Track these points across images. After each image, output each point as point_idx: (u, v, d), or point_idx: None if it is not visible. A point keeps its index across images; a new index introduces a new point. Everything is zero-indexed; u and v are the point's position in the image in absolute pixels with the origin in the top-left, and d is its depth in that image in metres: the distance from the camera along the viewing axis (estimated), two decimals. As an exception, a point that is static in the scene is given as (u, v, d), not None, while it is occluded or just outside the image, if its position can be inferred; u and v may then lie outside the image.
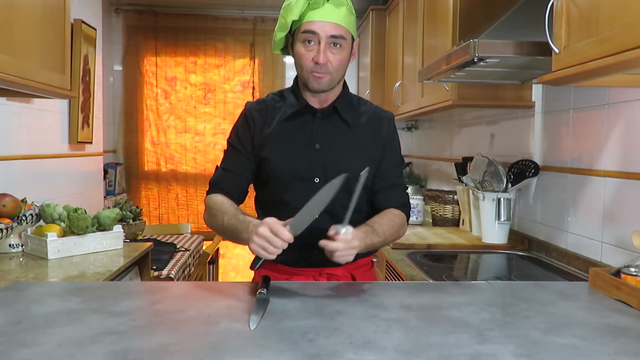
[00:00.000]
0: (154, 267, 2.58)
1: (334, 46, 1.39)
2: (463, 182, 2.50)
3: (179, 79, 4.47)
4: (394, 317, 1.11)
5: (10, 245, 2.03)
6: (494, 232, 2.29)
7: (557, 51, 1.36)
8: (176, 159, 4.52)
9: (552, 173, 2.11)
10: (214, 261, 3.63)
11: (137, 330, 1.02)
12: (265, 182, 1.51)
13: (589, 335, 1.03)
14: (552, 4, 1.36)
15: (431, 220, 2.95)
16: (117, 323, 1.05)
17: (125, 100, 4.45)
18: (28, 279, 1.68)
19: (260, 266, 1.22)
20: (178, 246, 3.11)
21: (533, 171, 2.18)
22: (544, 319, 1.11)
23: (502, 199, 2.22)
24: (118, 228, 2.18)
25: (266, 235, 1.17)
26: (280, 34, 1.45)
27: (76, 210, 2.05)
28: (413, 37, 2.86)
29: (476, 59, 1.63)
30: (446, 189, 3.07)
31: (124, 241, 2.22)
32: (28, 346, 0.93)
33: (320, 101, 1.48)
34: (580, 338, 1.01)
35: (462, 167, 2.60)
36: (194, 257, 3.15)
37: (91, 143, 3.30)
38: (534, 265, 2.06)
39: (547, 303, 1.24)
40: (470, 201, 2.57)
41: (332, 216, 1.30)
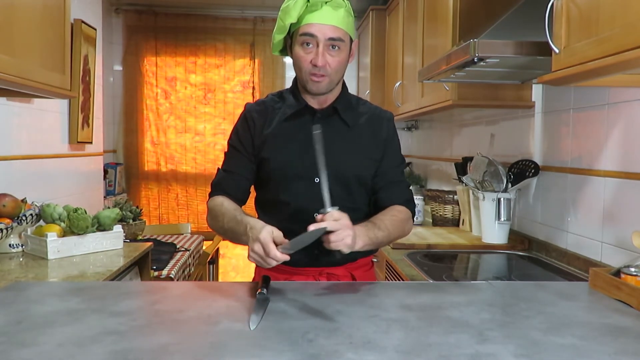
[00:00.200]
0: (154, 267, 2.58)
1: (332, 48, 1.39)
2: (463, 182, 2.50)
3: (179, 79, 4.47)
4: (394, 317, 1.11)
5: (10, 245, 2.03)
6: (494, 232, 2.29)
7: (557, 51, 1.36)
8: (176, 159, 4.51)
9: (552, 173, 2.11)
10: (214, 261, 3.62)
11: (137, 330, 1.02)
12: (265, 182, 1.51)
13: (589, 335, 1.03)
14: (552, 4, 1.36)
15: (431, 220, 2.95)
16: (117, 323, 1.05)
17: (125, 100, 4.46)
18: (28, 279, 1.68)
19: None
20: (178, 246, 3.11)
21: (533, 171, 2.18)
22: (544, 319, 1.11)
23: (502, 199, 2.22)
24: (118, 228, 2.18)
25: (260, 254, 1.16)
26: (278, 36, 1.45)
27: (76, 210, 2.05)
28: (413, 37, 2.86)
29: (476, 59, 1.63)
30: (446, 189, 3.06)
31: (124, 241, 2.22)
32: (28, 346, 0.93)
33: (320, 102, 1.48)
34: (580, 338, 1.01)
35: (462, 167, 2.60)
36: (194, 257, 3.15)
37: (91, 143, 3.30)
38: (534, 265, 2.06)
39: (547, 303, 1.24)
40: (470, 201, 2.57)
41: None
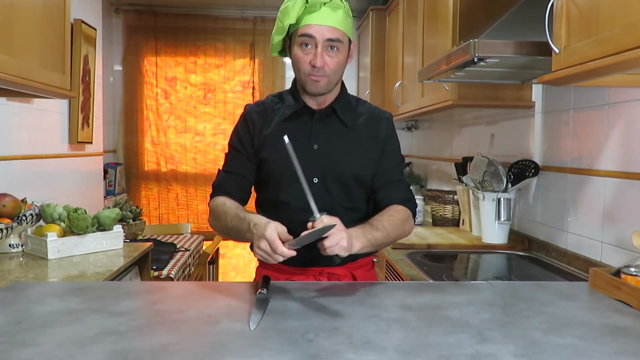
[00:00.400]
0: (154, 267, 2.58)
1: (330, 49, 1.39)
2: (463, 182, 2.50)
3: (179, 79, 4.47)
4: (394, 317, 1.11)
5: (10, 245, 2.03)
6: (494, 232, 2.29)
7: (557, 51, 1.36)
8: (176, 159, 4.51)
9: (552, 173, 2.11)
10: (214, 261, 3.62)
11: (137, 330, 1.02)
12: (264, 183, 1.51)
13: (589, 335, 1.03)
14: (552, 4, 1.36)
15: (431, 220, 2.95)
16: (117, 323, 1.05)
17: (125, 100, 4.45)
18: (28, 279, 1.68)
19: None
20: (178, 246, 3.11)
21: (533, 171, 2.18)
22: (544, 319, 1.11)
23: (502, 199, 2.22)
24: (118, 228, 2.18)
25: (267, 251, 1.18)
26: (277, 37, 1.45)
27: (76, 210, 2.05)
28: (413, 37, 2.86)
29: (476, 59, 1.63)
30: (446, 189, 3.06)
31: (124, 241, 2.22)
32: (28, 346, 0.93)
33: (319, 102, 1.48)
34: (580, 338, 1.01)
35: (462, 167, 2.60)
36: (194, 257, 3.15)
37: (91, 143, 3.30)
38: (534, 265, 2.06)
39: (547, 303, 1.24)
40: (470, 201, 2.57)
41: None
